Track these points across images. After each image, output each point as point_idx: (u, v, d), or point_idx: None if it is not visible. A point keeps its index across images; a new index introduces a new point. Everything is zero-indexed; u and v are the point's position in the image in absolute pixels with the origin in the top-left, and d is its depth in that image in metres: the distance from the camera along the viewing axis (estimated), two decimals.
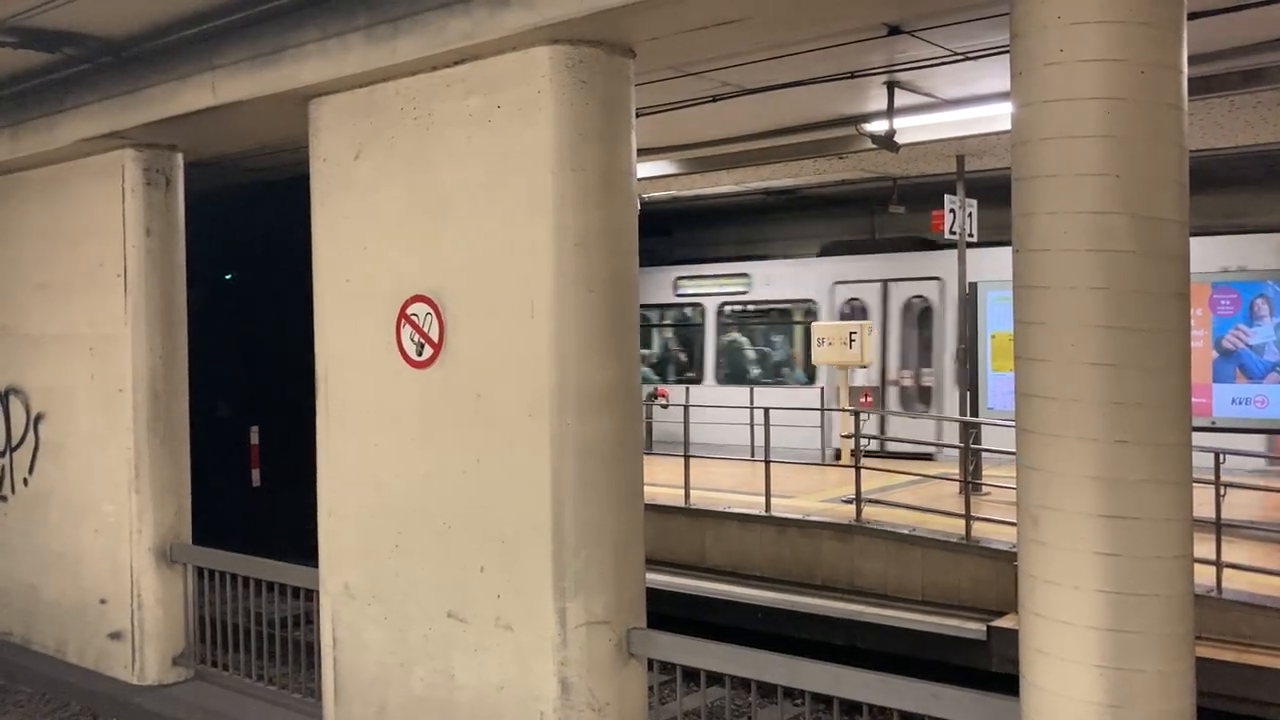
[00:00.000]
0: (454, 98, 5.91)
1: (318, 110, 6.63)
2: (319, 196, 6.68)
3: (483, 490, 5.80)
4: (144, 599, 8.04)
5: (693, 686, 6.26)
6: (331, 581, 6.61)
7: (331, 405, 6.64)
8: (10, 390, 9.22)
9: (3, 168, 9.01)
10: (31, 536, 9.05)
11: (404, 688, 6.18)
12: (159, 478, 8.13)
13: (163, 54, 7.26)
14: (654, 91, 8.32)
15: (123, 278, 8.14)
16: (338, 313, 6.60)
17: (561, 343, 5.51)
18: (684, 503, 11.28)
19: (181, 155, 8.35)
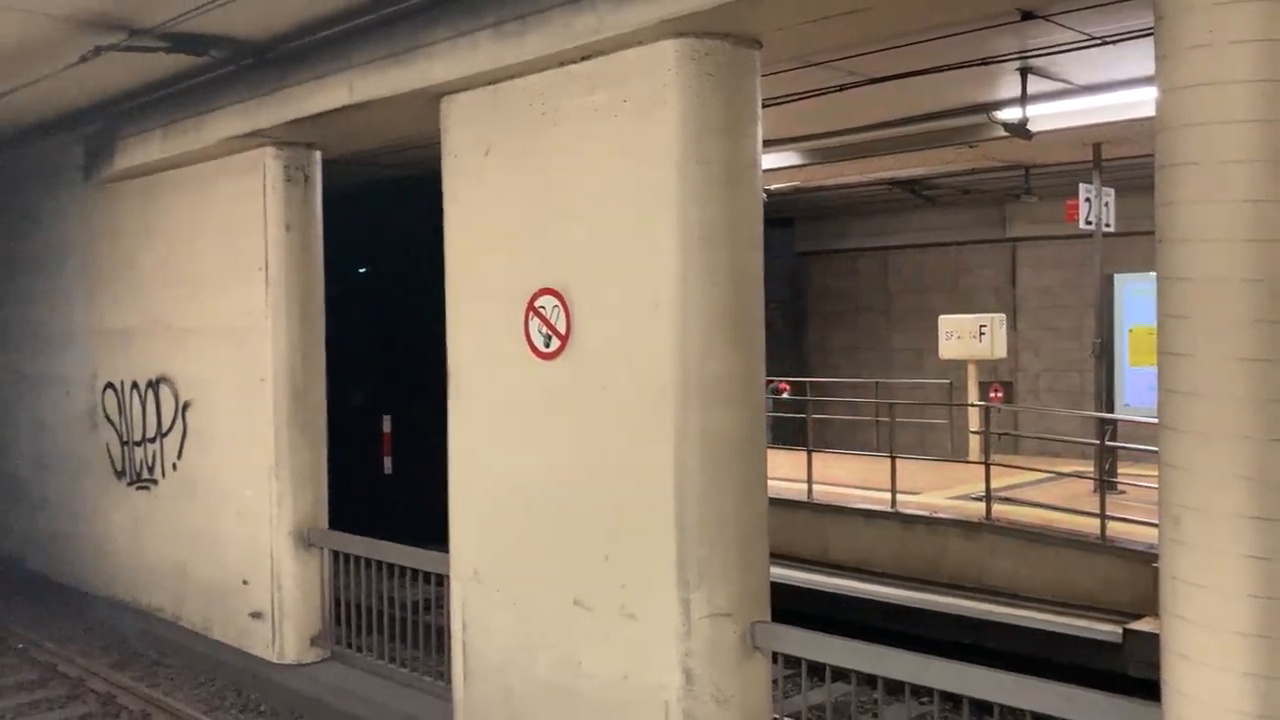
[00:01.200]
0: (580, 93, 5.98)
1: (449, 107, 6.78)
2: (450, 192, 6.84)
3: (607, 480, 5.86)
4: (283, 581, 8.36)
5: (816, 681, 6.21)
6: (461, 567, 6.77)
7: (462, 396, 6.79)
8: (160, 379, 9.69)
9: (154, 167, 9.45)
10: (180, 519, 9.50)
11: (530, 673, 6.29)
12: (298, 464, 8.44)
13: (302, 54, 7.53)
14: (777, 82, 8.26)
15: (264, 271, 8.47)
16: (468, 306, 6.75)
17: (685, 335, 5.53)
18: (806, 497, 11.20)
19: (319, 153, 8.64)
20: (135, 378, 10.01)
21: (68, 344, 11.17)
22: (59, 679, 8.82)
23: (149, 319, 9.83)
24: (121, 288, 10.22)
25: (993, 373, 15.99)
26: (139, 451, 9.98)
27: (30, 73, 8.40)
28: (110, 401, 10.39)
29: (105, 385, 10.46)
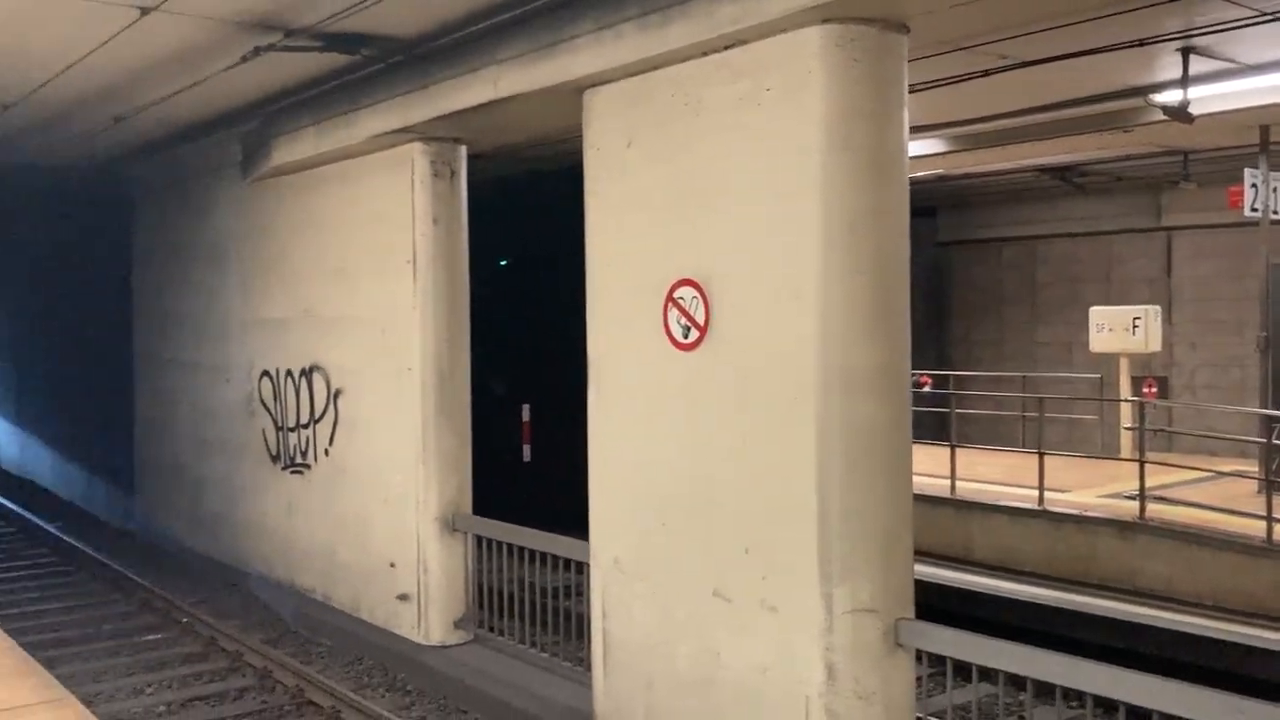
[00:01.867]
0: (722, 82, 5.95)
1: (591, 100, 6.83)
2: (591, 184, 6.90)
3: (747, 472, 5.83)
4: (429, 564, 8.59)
5: (959, 681, 6.06)
6: (602, 555, 6.84)
7: (602, 386, 6.85)
8: (313, 368, 10.06)
9: (307, 163, 9.81)
10: (330, 503, 9.86)
11: (670, 663, 6.32)
12: (443, 451, 8.65)
13: (450, 51, 7.69)
14: (921, 68, 8.07)
15: (412, 264, 8.70)
16: (608, 297, 6.80)
17: (828, 326, 5.46)
18: (950, 493, 10.95)
19: (465, 147, 8.82)
20: (289, 366, 10.42)
21: (226, 333, 11.71)
22: (219, 653, 9.26)
23: (302, 310, 10.22)
24: (276, 280, 10.65)
25: (1145, 367, 15.34)
26: (292, 437, 10.40)
27: (193, 74, 8.81)
28: (266, 389, 10.84)
29: (261, 373, 10.93)
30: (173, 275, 13.19)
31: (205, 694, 8.24)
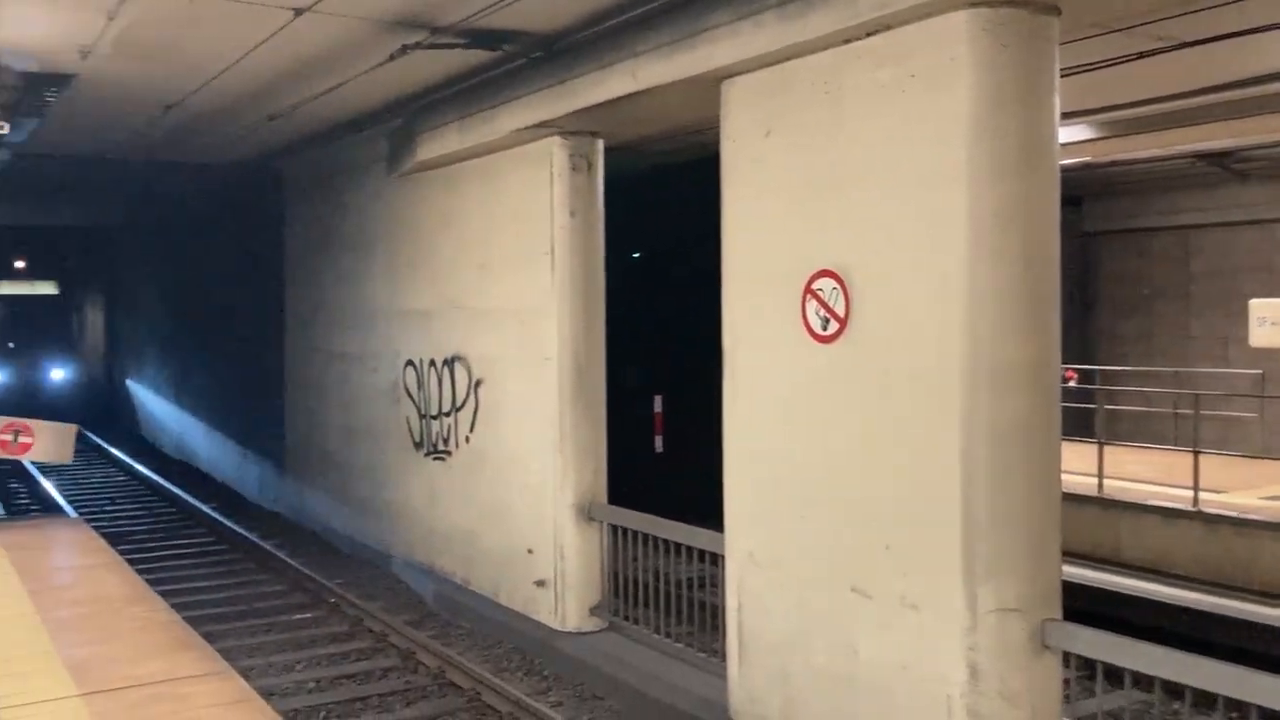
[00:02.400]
0: (864, 70, 5.86)
1: (729, 91, 6.81)
2: (729, 175, 6.88)
3: (889, 467, 5.74)
4: (565, 552, 8.72)
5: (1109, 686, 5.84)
6: (737, 547, 6.83)
7: (737, 378, 6.83)
8: (455, 357, 10.31)
9: (450, 158, 10.05)
10: (471, 489, 10.09)
11: (805, 657, 6.27)
12: (579, 440, 8.76)
13: (589, 45, 7.77)
14: (1072, 51, 7.78)
15: (550, 256, 8.83)
16: (745, 288, 6.77)
17: (974, 318, 5.32)
18: (1097, 492, 10.57)
19: (602, 140, 8.90)
20: (433, 356, 10.70)
21: (373, 324, 12.09)
22: (364, 633, 9.59)
23: (445, 301, 10.48)
24: (421, 272, 10.94)
25: None
26: (435, 425, 10.67)
27: (343, 73, 9.11)
28: (410, 378, 11.16)
29: (406, 362, 11.25)
30: (322, 268, 13.68)
31: (352, 672, 8.54)
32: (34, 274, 27.96)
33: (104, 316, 29.14)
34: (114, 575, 7.57)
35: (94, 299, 29.56)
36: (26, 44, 8.38)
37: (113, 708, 4.98)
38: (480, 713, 7.69)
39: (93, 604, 6.83)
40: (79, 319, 30.22)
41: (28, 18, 7.62)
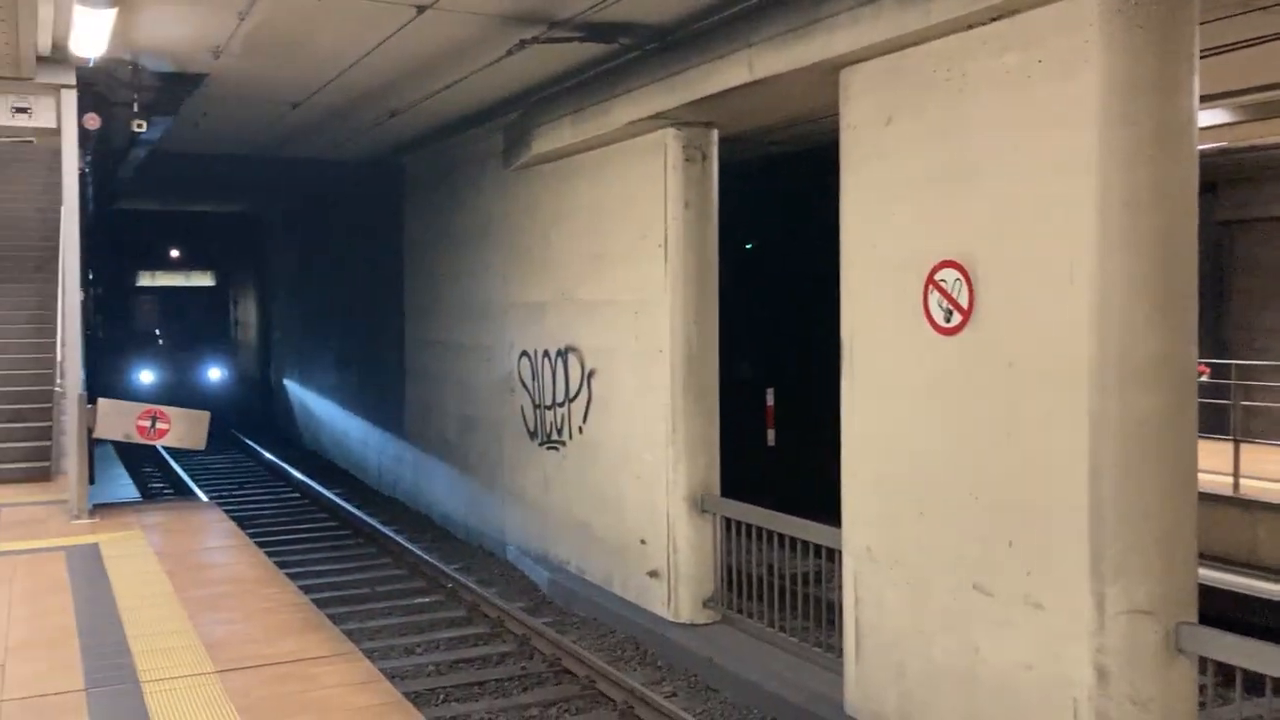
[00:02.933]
0: (989, 56, 5.72)
1: (848, 79, 6.72)
2: (847, 164, 6.78)
3: (1012, 463, 5.60)
4: (678, 543, 8.74)
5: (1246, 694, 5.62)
6: (854, 542, 6.75)
7: (856, 370, 6.74)
8: (569, 349, 10.41)
9: (564, 151, 10.14)
10: (584, 479, 10.19)
11: (924, 654, 6.17)
12: (692, 432, 8.77)
13: (703, 36, 7.75)
14: (1208, 32, 7.45)
15: (663, 248, 8.84)
16: (864, 279, 6.68)
17: (1104, 311, 5.16)
18: (1233, 491, 10.14)
19: (716, 131, 8.87)
20: (547, 347, 10.82)
21: (488, 316, 12.29)
22: (481, 618, 9.77)
23: (559, 293, 10.58)
24: (535, 264, 11.07)
25: None
26: (549, 415, 10.80)
27: (462, 69, 9.27)
28: (524, 368, 11.31)
29: (520, 354, 11.41)
30: (440, 261, 13.96)
31: (469, 657, 8.70)
32: (190, 264, 25.65)
33: (259, 309, 27.05)
34: (245, 557, 7.84)
35: (249, 291, 27.62)
36: (163, 46, 8.75)
37: (246, 685, 5.16)
38: (595, 701, 7.76)
39: (225, 584, 7.09)
40: (235, 313, 28.20)
41: (164, 20, 7.94)
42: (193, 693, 5.09)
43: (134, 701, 4.97)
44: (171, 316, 25.74)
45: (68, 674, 5.33)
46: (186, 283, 25.59)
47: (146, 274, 24.41)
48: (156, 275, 24.92)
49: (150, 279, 24.49)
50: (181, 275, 25.42)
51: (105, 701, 4.98)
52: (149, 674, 5.32)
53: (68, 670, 5.39)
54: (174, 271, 25.29)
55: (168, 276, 25.29)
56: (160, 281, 25.19)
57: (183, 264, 25.36)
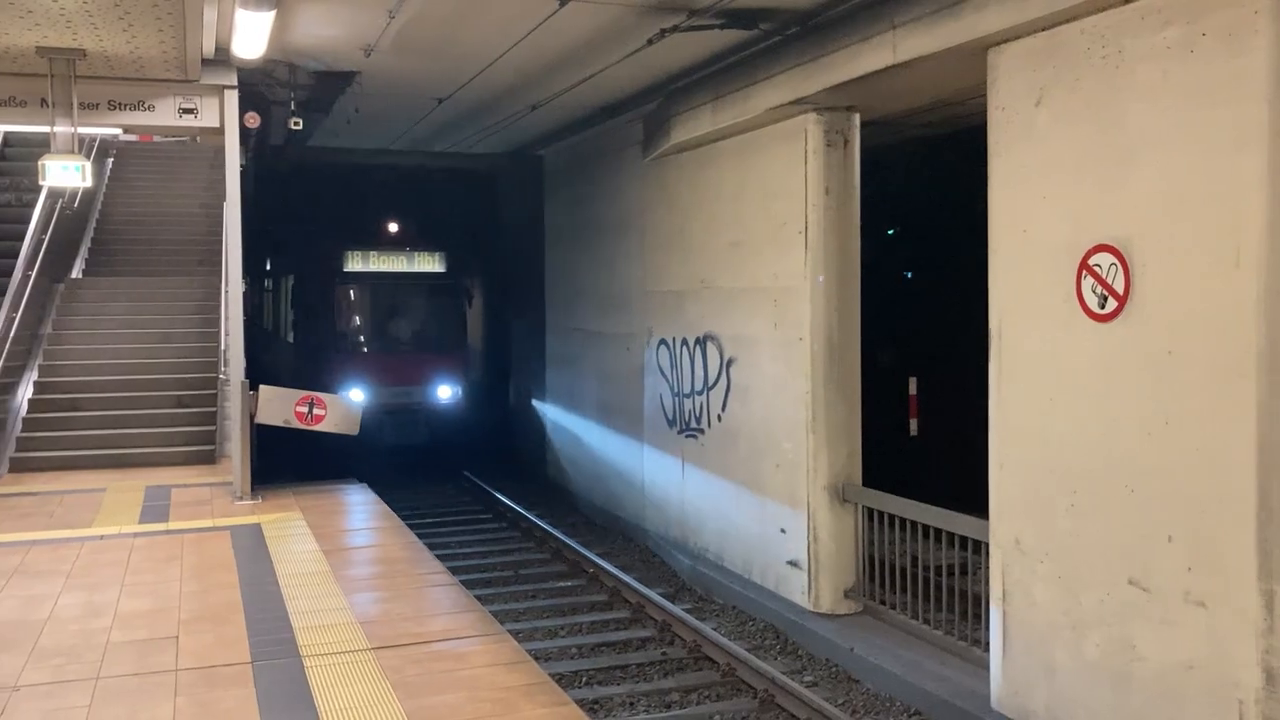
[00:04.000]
0: (1148, 31, 5.48)
1: (996, 59, 6.53)
2: (996, 147, 6.60)
3: (1171, 455, 5.38)
4: (819, 533, 8.68)
5: None
6: (1002, 534, 6.59)
7: (1004, 358, 6.57)
8: (707, 337, 10.43)
9: (702, 140, 10.14)
10: (723, 467, 10.19)
11: (1076, 651, 5.98)
12: (833, 421, 8.68)
13: (845, 19, 7.64)
14: None
15: (803, 235, 8.77)
16: (1013, 265, 6.49)
17: (1272, 295, 4.90)
18: None
19: (858, 115, 8.74)
20: (685, 335, 10.86)
21: (627, 304, 12.39)
22: (622, 603, 9.88)
23: (697, 281, 10.60)
24: (673, 253, 11.11)
25: None
26: (688, 403, 10.84)
27: (603, 60, 9.35)
28: (663, 356, 11.37)
29: (659, 341, 11.48)
30: (579, 250, 14.14)
31: (611, 641, 8.82)
32: (412, 244, 17.38)
33: (493, 307, 20.31)
34: (397, 539, 8.14)
35: (482, 282, 20.31)
36: (317, 45, 9.09)
37: (399, 662, 5.37)
38: (735, 688, 7.78)
39: (379, 564, 7.38)
40: (472, 312, 18.94)
41: (319, 19, 8.25)
42: (350, 668, 5.31)
43: (296, 675, 5.22)
44: (390, 315, 17.09)
45: (235, 647, 5.64)
46: (409, 268, 17.07)
47: (355, 255, 16.63)
48: (370, 258, 16.73)
49: (360, 262, 16.64)
50: (401, 258, 16.99)
51: (270, 674, 5.24)
52: (309, 649, 5.58)
53: (235, 643, 5.70)
54: (392, 252, 17.00)
55: (384, 259, 16.92)
56: (374, 266, 16.82)
57: (402, 243, 17.22)
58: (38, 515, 8.88)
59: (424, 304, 16.79)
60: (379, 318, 16.69)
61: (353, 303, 16.64)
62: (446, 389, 16.28)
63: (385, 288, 16.59)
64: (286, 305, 18.19)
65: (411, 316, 16.80)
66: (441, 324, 16.82)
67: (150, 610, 6.30)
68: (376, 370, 15.94)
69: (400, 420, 15.63)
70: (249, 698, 4.94)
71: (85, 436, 11.33)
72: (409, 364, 16.24)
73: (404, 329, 16.74)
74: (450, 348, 16.72)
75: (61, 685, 5.13)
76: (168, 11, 7.37)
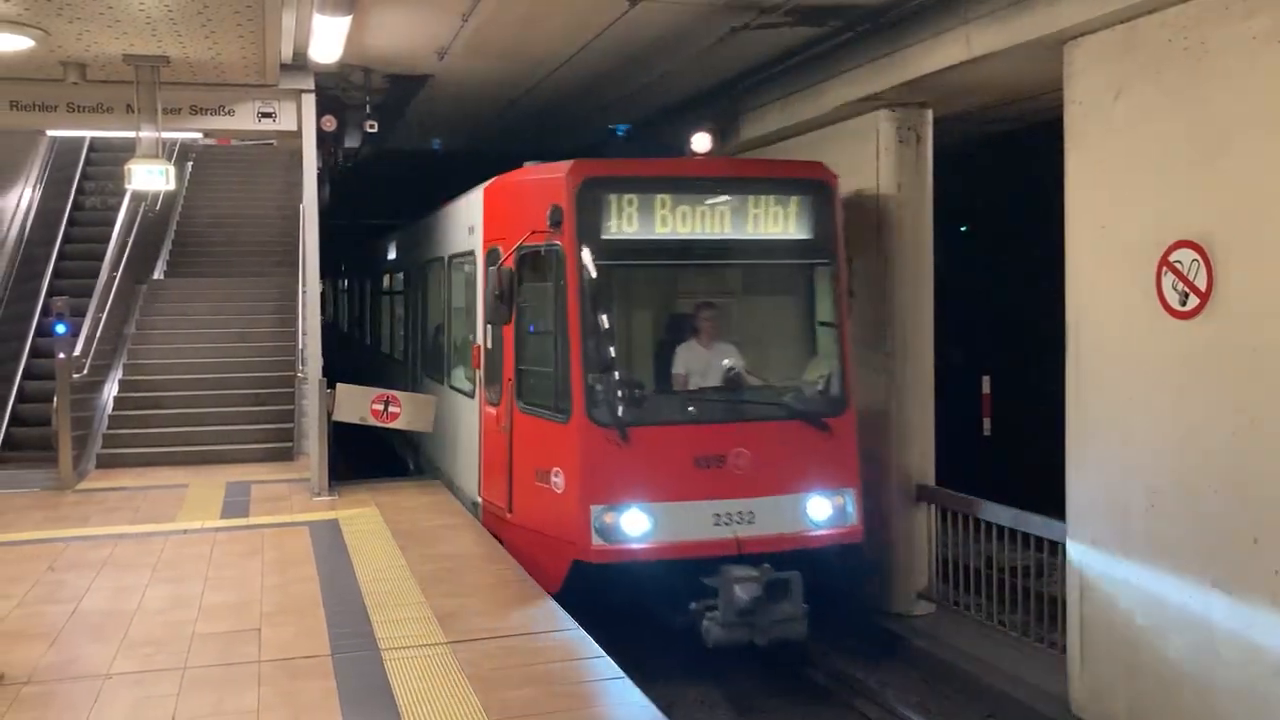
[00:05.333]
0: (1233, 21, 5.37)
1: (1073, 53, 6.44)
2: (1072, 142, 6.50)
3: (1257, 455, 5.26)
4: (892, 533, 8.60)
5: None
6: (1078, 535, 6.49)
7: (1082, 356, 6.47)
8: None
9: (771, 137, 10.11)
10: None
11: (1158, 655, 5.88)
12: (906, 419, 8.60)
13: (917, 15, 7.57)
14: None
15: (875, 232, 8.70)
16: (1090, 261, 6.39)
17: None
18: None
19: (930, 111, 8.66)
20: None
21: None
22: None
23: None
24: None
25: None
26: None
27: (671, 60, 9.37)
28: None
29: None
30: None
31: None
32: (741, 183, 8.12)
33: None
34: (470, 535, 8.23)
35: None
36: (391, 49, 9.23)
37: (474, 656, 5.44)
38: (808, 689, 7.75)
39: (453, 560, 7.47)
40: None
41: (394, 23, 8.39)
42: (428, 662, 5.40)
43: (375, 668, 5.32)
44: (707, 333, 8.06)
45: (315, 639, 5.76)
46: (751, 233, 7.91)
47: (626, 206, 7.56)
48: (664, 211, 7.60)
49: (638, 220, 7.55)
50: (736, 210, 7.85)
51: (349, 667, 5.35)
52: (387, 642, 5.68)
53: (315, 636, 5.82)
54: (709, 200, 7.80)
55: (696, 214, 7.72)
56: (669, 230, 7.64)
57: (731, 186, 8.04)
58: (124, 510, 9.14)
59: (781, 308, 8.60)
60: (676, 342, 8.06)
61: (620, 307, 8.14)
62: (828, 504, 7.59)
63: (691, 276, 8.42)
64: (419, 311, 12.21)
65: (755, 332, 8.51)
66: (818, 351, 8.27)
67: (233, 603, 6.46)
68: (672, 461, 7.36)
69: (739, 589, 6.93)
70: (330, 689, 5.05)
71: (168, 434, 11.63)
72: (751, 443, 7.43)
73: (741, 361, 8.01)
74: (834, 401, 7.89)
75: (151, 674, 5.28)
76: (248, 18, 7.54)
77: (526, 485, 7.71)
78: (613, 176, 7.73)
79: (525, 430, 7.77)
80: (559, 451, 7.40)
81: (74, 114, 9.48)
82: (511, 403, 7.87)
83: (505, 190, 8.59)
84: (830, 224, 7.98)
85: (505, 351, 8.02)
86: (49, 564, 7.35)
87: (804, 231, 7.98)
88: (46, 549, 7.74)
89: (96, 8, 7.22)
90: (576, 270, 7.38)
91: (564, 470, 7.31)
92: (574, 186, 7.43)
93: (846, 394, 7.85)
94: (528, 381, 7.88)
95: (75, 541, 7.99)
